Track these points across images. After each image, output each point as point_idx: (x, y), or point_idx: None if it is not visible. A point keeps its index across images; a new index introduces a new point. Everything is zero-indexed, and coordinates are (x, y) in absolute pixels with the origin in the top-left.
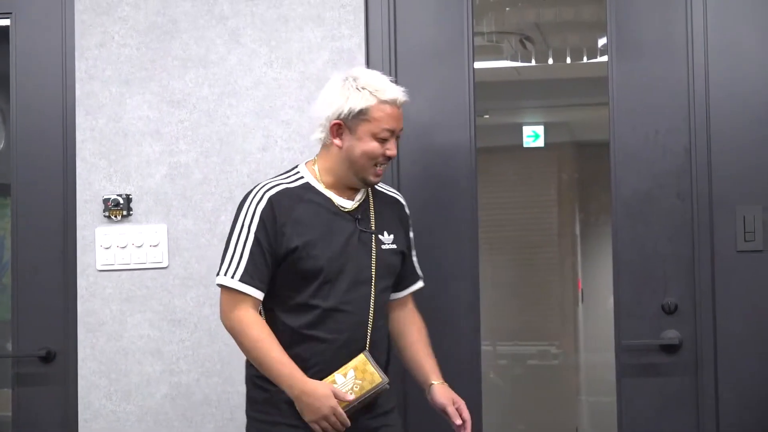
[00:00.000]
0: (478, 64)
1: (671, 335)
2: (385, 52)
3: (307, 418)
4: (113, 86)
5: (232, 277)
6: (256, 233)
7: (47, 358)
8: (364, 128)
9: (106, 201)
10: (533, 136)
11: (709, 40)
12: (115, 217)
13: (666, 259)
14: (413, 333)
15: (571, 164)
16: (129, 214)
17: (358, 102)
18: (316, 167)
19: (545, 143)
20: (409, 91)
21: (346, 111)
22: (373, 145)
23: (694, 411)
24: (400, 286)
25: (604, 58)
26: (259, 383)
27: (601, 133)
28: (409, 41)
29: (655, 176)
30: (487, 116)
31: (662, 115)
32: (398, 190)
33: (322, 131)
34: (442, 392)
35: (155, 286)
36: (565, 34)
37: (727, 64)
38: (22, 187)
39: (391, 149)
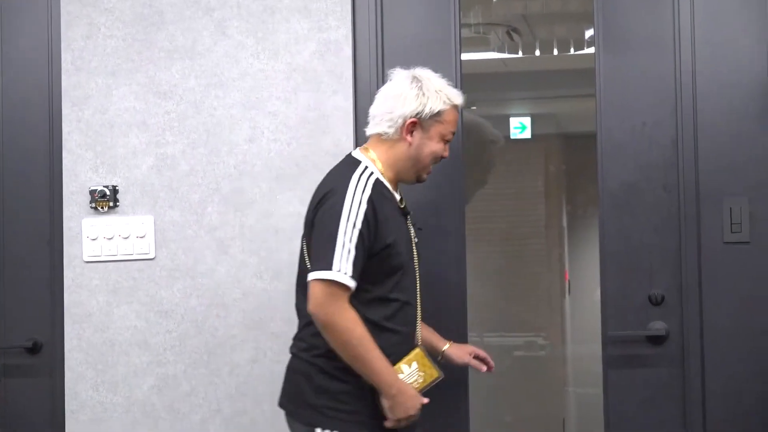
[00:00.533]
0: (465, 56)
1: (658, 326)
2: (372, 43)
3: (395, 415)
4: (99, 77)
5: (345, 273)
6: (361, 227)
7: (34, 350)
8: (436, 129)
9: (92, 192)
10: (520, 127)
11: (696, 32)
12: (102, 208)
13: (653, 250)
14: None
15: (558, 156)
16: (116, 206)
17: (436, 104)
18: (378, 162)
19: (532, 135)
20: None
21: (426, 110)
22: (440, 146)
23: (680, 402)
24: None
25: (591, 50)
26: (339, 374)
27: (588, 124)
28: (396, 32)
29: (642, 168)
30: (474, 107)
31: (649, 108)
32: None
33: (390, 126)
34: (457, 351)
35: (142, 278)
36: (552, 26)
37: (714, 57)
38: (9, 179)
39: (447, 151)
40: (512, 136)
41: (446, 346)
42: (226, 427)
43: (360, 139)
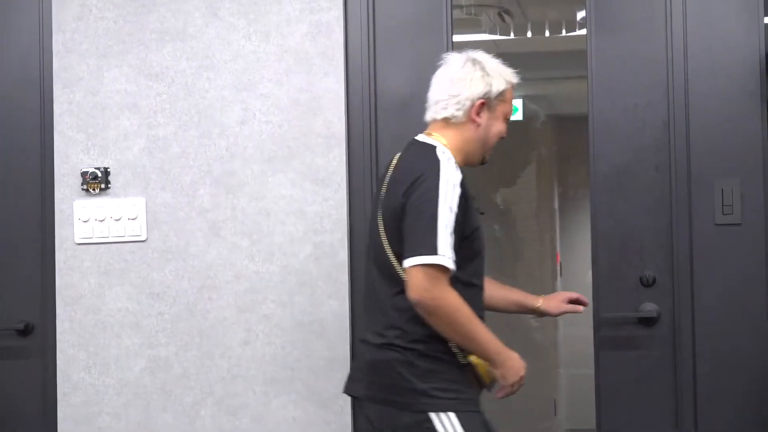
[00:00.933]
0: (456, 37)
1: (649, 308)
2: (363, 24)
3: (507, 381)
4: (91, 59)
5: (449, 257)
6: (456, 211)
7: (25, 332)
8: (501, 109)
9: (84, 174)
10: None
11: (687, 13)
12: (94, 190)
13: (644, 232)
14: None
15: (549, 138)
16: (107, 188)
17: (500, 84)
18: (447, 146)
19: (524, 116)
20: (387, 65)
21: (493, 91)
22: (504, 126)
23: (671, 383)
24: None
25: (583, 32)
26: (441, 356)
27: (579, 106)
28: (387, 14)
29: (634, 150)
30: None
31: (641, 89)
32: (377, 165)
33: (458, 109)
34: (552, 303)
35: (134, 260)
36: (543, 7)
37: (706, 38)
38: (0, 161)
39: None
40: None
41: (539, 303)
42: (217, 408)
43: (352, 121)
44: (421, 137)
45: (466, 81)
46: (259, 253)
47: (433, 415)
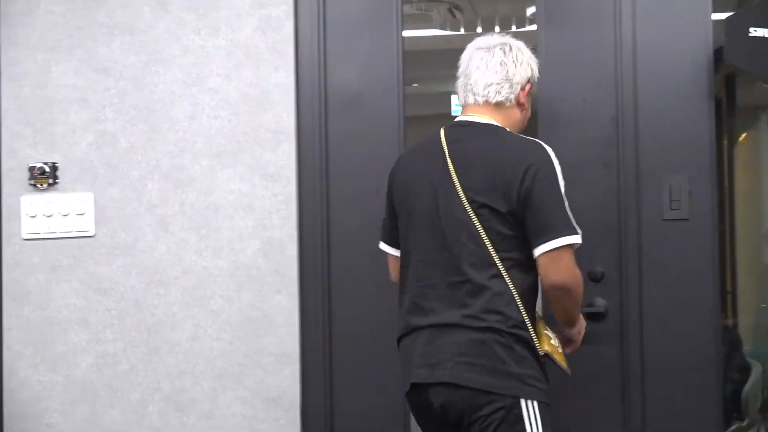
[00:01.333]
0: (406, 33)
1: (598, 303)
2: (313, 19)
3: (580, 339)
4: (39, 53)
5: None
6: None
7: None
8: (531, 93)
9: (31, 169)
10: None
11: (637, 10)
12: (41, 185)
13: (593, 227)
14: None
15: None
16: (55, 183)
17: (536, 69)
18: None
19: None
20: (338, 59)
21: (535, 75)
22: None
23: (619, 379)
24: None
25: (533, 27)
26: (531, 342)
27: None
28: (338, 9)
29: (582, 145)
30: (416, 85)
31: (590, 85)
32: (326, 160)
33: (511, 93)
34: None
35: (82, 255)
36: (494, 3)
37: (655, 35)
38: None
39: None
40: (453, 113)
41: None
42: (165, 405)
43: (302, 116)
44: (481, 119)
45: (517, 65)
46: (207, 249)
47: (522, 402)
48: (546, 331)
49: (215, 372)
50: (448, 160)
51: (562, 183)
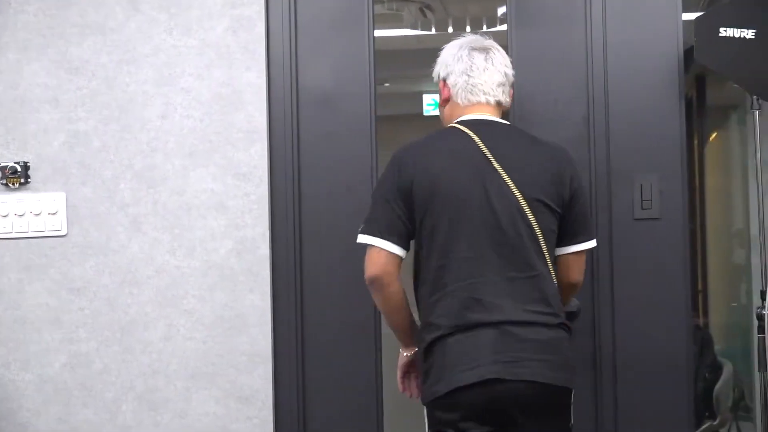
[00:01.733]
0: (378, 32)
1: (571, 303)
2: (285, 19)
3: None
4: (10, 53)
5: None
6: None
7: None
8: None
9: (3, 168)
10: (433, 104)
11: (607, 9)
12: (13, 185)
13: None
14: None
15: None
16: (27, 182)
17: None
18: None
19: None
20: (309, 59)
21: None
22: None
23: (591, 377)
24: None
25: (504, 27)
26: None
27: None
28: (309, 9)
29: None
30: (387, 84)
31: (561, 85)
32: (298, 159)
33: (508, 93)
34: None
35: (54, 255)
36: (465, 3)
37: (626, 34)
38: None
39: None
40: (425, 113)
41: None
42: (138, 404)
43: (273, 115)
44: (497, 118)
45: (509, 66)
46: (180, 248)
47: (572, 392)
48: None
49: (188, 371)
50: (492, 158)
51: None
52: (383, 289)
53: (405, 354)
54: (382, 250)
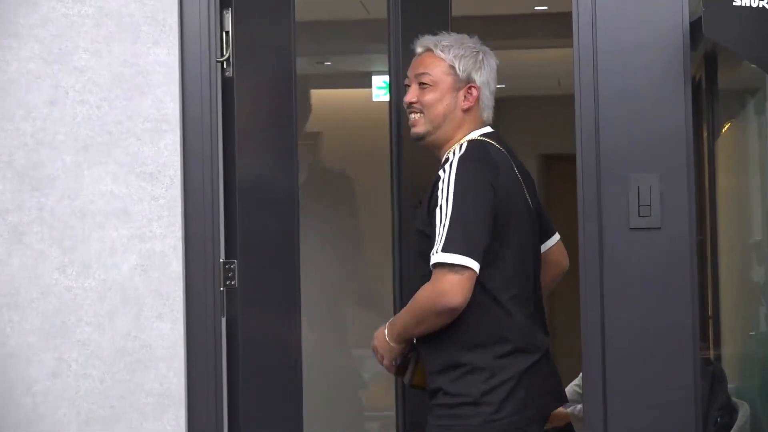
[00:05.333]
0: None
1: None
2: None
3: None
4: None
5: None
6: None
7: None
8: None
9: None
10: (384, 87)
11: (597, 11)
12: None
13: None
14: None
15: None
16: None
17: None
18: None
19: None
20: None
21: None
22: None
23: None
24: None
25: None
26: None
27: None
28: None
29: None
30: (327, 63)
31: None
32: (218, 155)
33: None
34: None
35: None
36: None
37: (618, 3)
38: None
39: (407, 95)
40: (374, 98)
41: None
42: None
43: (188, 101)
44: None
45: None
46: (72, 264)
47: None
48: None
49: (81, 417)
50: (518, 173)
51: None
52: (447, 320)
53: (394, 345)
54: (474, 275)
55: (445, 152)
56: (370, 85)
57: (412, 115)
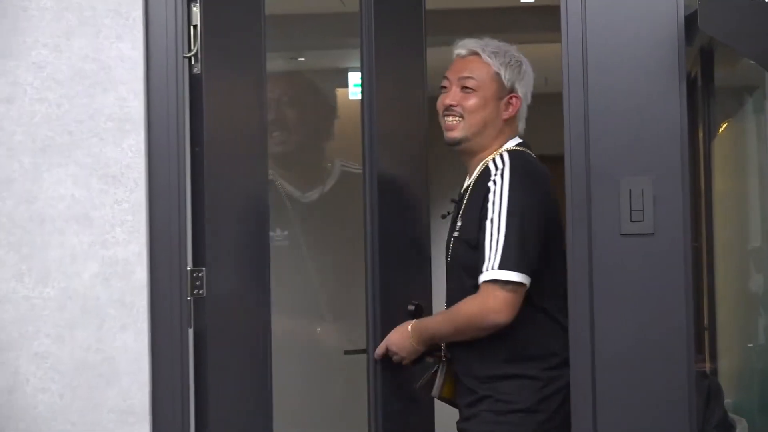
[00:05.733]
0: None
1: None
2: None
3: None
4: None
5: None
6: None
7: None
8: None
9: None
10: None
11: (587, 3)
12: None
13: None
14: None
15: None
16: None
17: None
18: None
19: None
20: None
21: None
22: (439, 98)
23: None
24: None
25: None
26: None
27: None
28: None
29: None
30: (301, 59)
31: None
32: (185, 156)
33: None
34: None
35: None
36: None
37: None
38: None
39: (447, 97)
40: (351, 96)
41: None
42: None
43: (153, 99)
44: None
45: None
46: (30, 272)
47: None
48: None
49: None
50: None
51: None
52: (489, 333)
53: (419, 347)
54: (524, 291)
55: (481, 161)
56: (346, 83)
57: (450, 119)
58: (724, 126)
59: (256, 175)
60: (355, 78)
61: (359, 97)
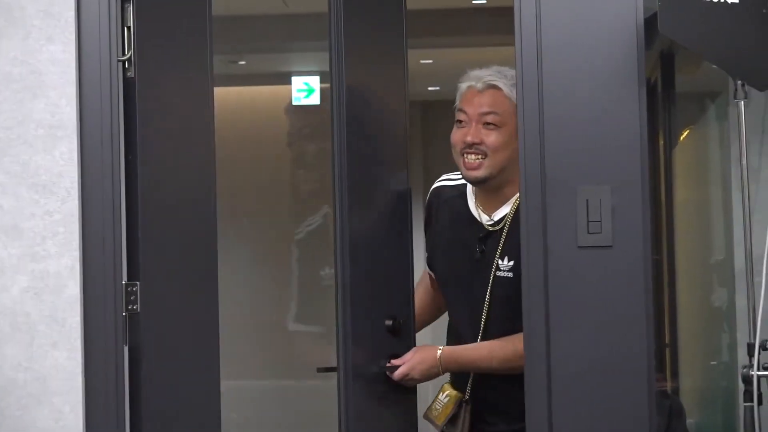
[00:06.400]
0: None
1: None
2: None
3: None
4: None
5: None
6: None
7: None
8: (456, 116)
9: None
10: (306, 90)
11: (542, 4)
12: None
13: None
14: None
15: None
16: None
17: (459, 90)
18: None
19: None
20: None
21: (457, 98)
22: (454, 134)
23: None
24: None
25: None
26: None
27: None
28: None
29: None
30: (242, 62)
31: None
32: (119, 166)
33: None
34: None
35: None
36: None
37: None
38: None
39: (468, 134)
40: (294, 102)
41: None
42: None
43: (86, 105)
44: None
45: None
46: None
47: None
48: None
49: None
50: None
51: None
52: None
53: (443, 373)
54: None
55: (511, 195)
56: (289, 86)
57: (472, 157)
58: (685, 133)
59: (201, 184)
60: (298, 82)
61: (303, 102)
